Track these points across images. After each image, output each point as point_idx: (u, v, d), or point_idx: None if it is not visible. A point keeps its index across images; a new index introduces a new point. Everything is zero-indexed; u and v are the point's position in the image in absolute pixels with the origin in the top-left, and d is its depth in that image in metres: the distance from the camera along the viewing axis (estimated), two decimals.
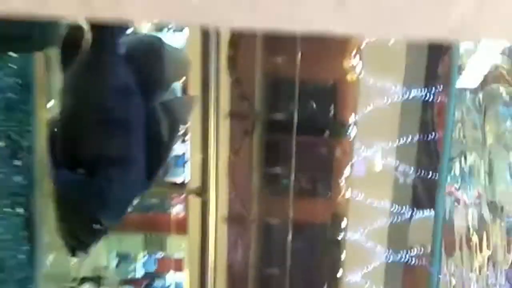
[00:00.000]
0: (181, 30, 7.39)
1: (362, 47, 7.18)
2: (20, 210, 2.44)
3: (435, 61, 7.18)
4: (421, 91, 7.18)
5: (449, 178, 6.91)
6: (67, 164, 1.72)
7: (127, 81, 1.79)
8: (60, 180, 1.75)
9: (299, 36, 7.35)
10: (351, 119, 7.41)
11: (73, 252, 1.81)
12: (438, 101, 7.20)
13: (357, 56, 7.23)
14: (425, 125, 7.32)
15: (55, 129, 1.88)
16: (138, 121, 1.82)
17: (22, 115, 2.37)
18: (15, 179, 2.44)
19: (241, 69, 7.53)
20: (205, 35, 5.81)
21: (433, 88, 7.15)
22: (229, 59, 7.44)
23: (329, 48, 7.44)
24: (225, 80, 7.24)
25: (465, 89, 6.88)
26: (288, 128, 7.46)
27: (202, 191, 4.61)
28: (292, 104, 7.40)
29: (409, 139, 7.21)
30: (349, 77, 7.34)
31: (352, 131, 7.42)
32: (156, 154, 1.86)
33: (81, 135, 1.75)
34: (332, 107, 7.64)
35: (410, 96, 7.13)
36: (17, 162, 2.46)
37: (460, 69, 6.33)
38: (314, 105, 7.68)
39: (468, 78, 6.44)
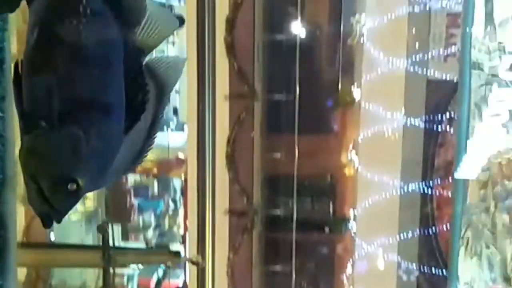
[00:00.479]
0: None
1: (358, 142, 7.24)
2: None
3: (431, 154, 7.21)
4: (419, 184, 7.16)
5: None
6: (35, 113, 1.41)
7: (101, 8, 1.46)
8: (27, 132, 1.38)
9: (296, 132, 7.43)
10: (351, 214, 7.35)
11: (46, 221, 1.42)
12: (437, 194, 7.17)
13: (354, 151, 7.27)
14: (425, 219, 7.25)
15: (20, 72, 1.43)
16: (115, 57, 1.47)
17: None
18: None
19: (239, 165, 7.56)
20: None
21: (431, 181, 7.14)
22: (228, 156, 7.49)
23: (325, 143, 7.51)
24: (223, 176, 7.26)
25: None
26: (288, 225, 7.40)
27: None
28: (291, 200, 7.38)
29: (409, 234, 7.12)
30: (346, 171, 7.35)
31: (352, 227, 7.34)
32: (138, 105, 1.50)
33: (48, 75, 1.41)
34: (331, 202, 7.60)
35: (409, 190, 7.11)
36: None
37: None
38: (313, 201, 7.65)
39: (467, 168, 6.43)
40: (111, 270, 5.08)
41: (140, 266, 8.34)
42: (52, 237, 7.80)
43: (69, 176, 1.38)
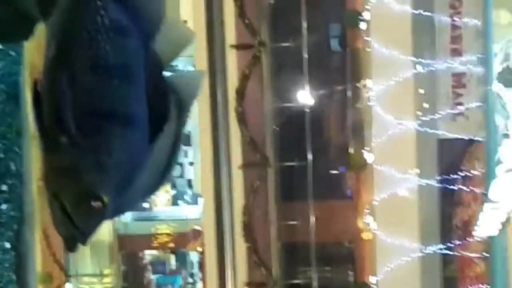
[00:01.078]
0: None
1: (374, 205, 7.18)
2: (6, 245, 1.88)
3: (448, 214, 7.14)
4: (438, 246, 7.05)
5: None
6: (55, 129, 1.34)
7: (120, 17, 1.41)
8: (48, 150, 1.32)
9: (311, 199, 7.40)
10: (372, 280, 7.21)
11: (71, 243, 1.33)
12: (457, 255, 7.04)
13: (370, 215, 7.20)
14: (447, 282, 7.10)
15: (39, 88, 1.37)
16: (136, 67, 1.41)
17: (8, 131, 1.91)
18: (1, 207, 1.88)
19: (256, 235, 7.50)
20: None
21: (450, 242, 7.02)
22: (244, 227, 7.45)
23: (341, 208, 7.45)
24: (240, 247, 7.19)
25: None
26: None
27: None
28: (310, 269, 7.27)
29: None
30: (364, 236, 7.26)
31: None
32: (161, 115, 1.43)
33: (68, 89, 1.36)
34: (350, 269, 7.48)
35: (428, 252, 6.99)
36: (4, 187, 1.90)
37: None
38: (332, 269, 7.53)
39: (484, 228, 6.35)
40: None
41: None
42: None
43: (93, 192, 1.31)
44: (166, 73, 1.53)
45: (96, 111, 1.36)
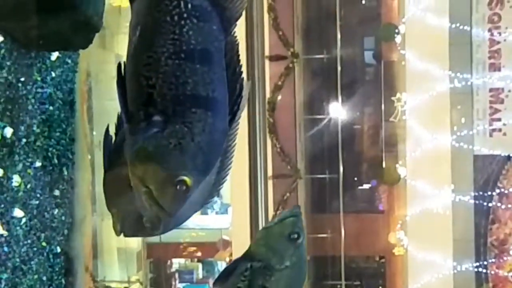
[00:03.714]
0: None
1: (406, 220, 7.09)
2: (57, 249, 1.88)
3: (483, 231, 7.01)
4: (472, 264, 6.93)
5: None
6: (139, 112, 1.36)
7: (202, 3, 1.41)
8: (132, 133, 1.34)
9: (341, 212, 7.33)
10: None
11: (155, 227, 1.35)
12: (492, 273, 6.91)
13: (402, 230, 7.11)
14: None
15: (123, 73, 1.39)
16: (217, 52, 1.41)
17: (63, 137, 1.92)
18: (53, 211, 1.88)
19: None
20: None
21: (485, 260, 6.90)
22: None
23: (372, 223, 7.38)
24: None
25: None
26: None
27: None
28: (339, 283, 7.20)
29: None
30: (396, 251, 7.17)
31: None
32: (237, 97, 1.45)
33: (152, 73, 1.36)
34: (381, 284, 7.39)
35: (462, 269, 6.87)
36: (56, 192, 1.89)
37: None
38: (362, 284, 7.45)
39: None
40: None
41: None
42: None
43: (177, 175, 1.33)
44: None
45: (179, 96, 1.38)
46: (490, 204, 6.94)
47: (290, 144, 7.67)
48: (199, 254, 9.56)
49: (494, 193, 6.93)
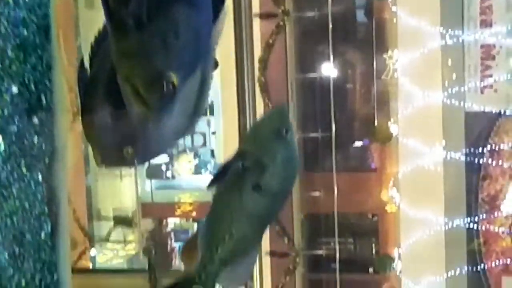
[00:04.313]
0: None
1: (398, 178, 7.14)
2: (38, 177, 1.88)
3: (474, 188, 7.07)
4: (464, 219, 7.01)
5: None
6: (122, 12, 1.35)
7: None
8: (115, 33, 1.31)
9: (334, 170, 7.37)
10: (395, 253, 7.21)
11: (143, 124, 1.35)
12: (483, 229, 7.01)
13: (394, 187, 7.16)
14: (472, 256, 7.08)
15: None
16: None
17: (39, 64, 1.87)
18: (33, 139, 1.81)
19: None
20: None
21: (476, 216, 6.98)
22: None
23: (365, 181, 7.42)
24: None
25: None
26: (331, 266, 7.30)
27: None
28: (333, 241, 7.29)
29: (457, 272, 6.94)
30: (388, 209, 7.24)
31: (397, 266, 7.19)
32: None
33: None
34: (374, 241, 7.49)
35: (453, 226, 6.96)
36: (35, 120, 1.88)
37: None
38: (355, 241, 7.54)
39: None
40: None
41: None
42: None
43: (163, 72, 1.32)
44: None
45: None
46: (481, 161, 6.99)
47: (282, 103, 7.65)
48: (193, 214, 9.63)
49: (485, 150, 6.97)
